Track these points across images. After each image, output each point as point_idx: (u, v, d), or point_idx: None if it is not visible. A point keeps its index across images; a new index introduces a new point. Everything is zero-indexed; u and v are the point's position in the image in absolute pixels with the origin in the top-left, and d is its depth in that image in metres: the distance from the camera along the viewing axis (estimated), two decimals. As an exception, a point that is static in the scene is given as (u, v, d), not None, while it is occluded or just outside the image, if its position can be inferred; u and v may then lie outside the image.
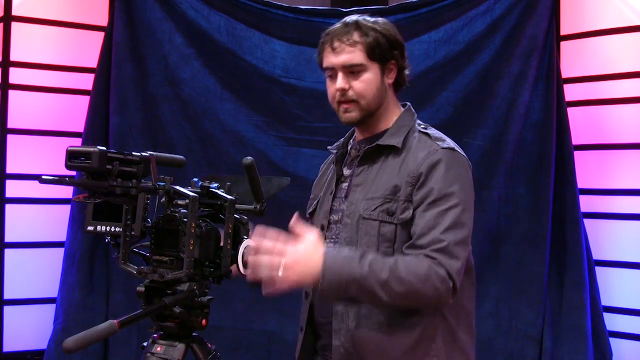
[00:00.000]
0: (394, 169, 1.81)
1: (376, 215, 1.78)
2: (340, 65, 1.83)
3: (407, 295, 1.66)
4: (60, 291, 3.76)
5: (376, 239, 1.77)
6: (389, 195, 1.78)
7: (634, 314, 3.61)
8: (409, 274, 1.65)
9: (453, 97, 3.80)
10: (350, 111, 1.85)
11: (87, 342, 1.46)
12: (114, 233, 1.68)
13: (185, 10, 3.86)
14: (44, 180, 1.43)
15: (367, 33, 1.82)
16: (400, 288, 1.64)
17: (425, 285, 1.65)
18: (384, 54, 1.84)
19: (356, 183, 1.86)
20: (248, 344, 3.84)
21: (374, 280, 1.64)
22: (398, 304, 1.70)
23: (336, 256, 1.67)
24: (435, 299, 1.69)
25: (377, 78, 1.84)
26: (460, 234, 1.72)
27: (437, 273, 1.66)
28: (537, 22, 3.71)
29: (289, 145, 3.90)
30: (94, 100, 3.80)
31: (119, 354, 3.77)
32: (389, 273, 1.64)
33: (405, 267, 1.66)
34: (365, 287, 1.64)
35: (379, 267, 1.65)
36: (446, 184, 1.74)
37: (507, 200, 3.76)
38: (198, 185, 1.74)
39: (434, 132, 1.87)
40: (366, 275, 1.64)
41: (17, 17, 3.72)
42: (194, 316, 1.69)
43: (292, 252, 1.65)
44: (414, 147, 1.81)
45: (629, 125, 3.64)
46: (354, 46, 1.82)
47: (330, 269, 1.64)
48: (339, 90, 1.84)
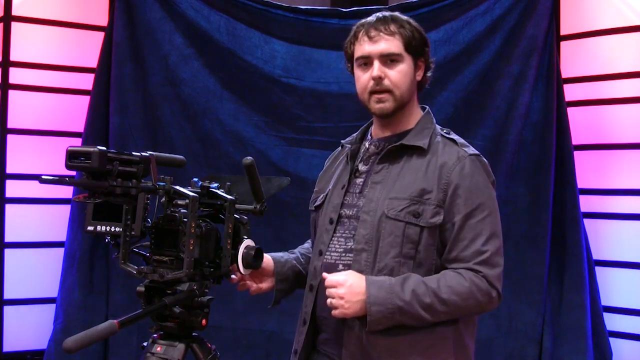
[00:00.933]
0: (419, 170, 1.82)
1: (402, 216, 1.79)
2: (378, 54, 1.83)
3: (451, 313, 1.76)
4: (60, 291, 3.76)
5: (400, 239, 1.78)
6: (415, 197, 1.79)
7: (634, 314, 3.61)
8: (452, 293, 1.73)
9: (453, 97, 3.80)
10: (384, 101, 1.85)
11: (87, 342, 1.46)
12: (114, 233, 1.68)
13: (185, 10, 3.86)
14: (44, 180, 1.43)
15: (403, 25, 1.84)
16: (444, 308, 1.74)
17: (468, 301, 1.75)
18: (418, 49, 1.86)
19: (375, 180, 1.86)
20: (248, 344, 3.84)
21: (418, 305, 1.72)
22: (443, 319, 1.78)
23: (379, 288, 1.72)
24: (480, 310, 1.81)
25: (411, 71, 1.86)
26: (498, 242, 1.82)
27: (479, 287, 1.75)
28: (537, 22, 3.71)
29: (289, 145, 3.90)
30: (94, 100, 3.80)
31: (119, 354, 3.77)
32: (432, 297, 1.72)
33: (447, 288, 1.73)
34: (410, 313, 1.73)
35: (421, 291, 1.72)
36: (477, 193, 1.80)
37: (507, 200, 3.76)
38: (198, 185, 1.74)
39: (457, 137, 1.91)
40: (409, 302, 1.71)
41: (17, 17, 3.72)
42: (194, 316, 1.69)
43: (342, 284, 1.74)
44: (440, 152, 1.84)
45: (629, 125, 3.64)
46: (392, 36, 1.83)
47: (376, 302, 1.71)
48: (375, 78, 1.83)
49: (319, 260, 1.90)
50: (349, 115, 3.67)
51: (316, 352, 1.94)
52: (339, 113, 3.74)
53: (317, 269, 1.90)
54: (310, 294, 1.92)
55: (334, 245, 1.88)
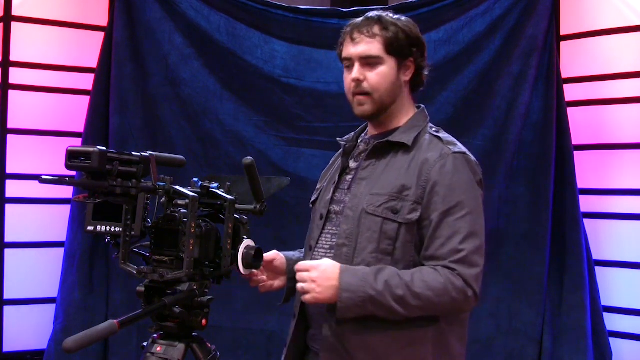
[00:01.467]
0: (402, 167, 1.82)
1: (380, 212, 1.79)
2: (357, 56, 1.84)
3: (424, 308, 1.72)
4: (60, 291, 3.76)
5: (378, 235, 1.78)
6: (395, 194, 1.79)
7: (634, 314, 3.61)
8: (426, 288, 1.71)
9: (453, 97, 3.80)
10: (363, 104, 1.87)
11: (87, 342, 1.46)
12: (114, 233, 1.68)
13: (185, 10, 3.86)
14: (44, 180, 1.43)
15: (387, 27, 1.83)
16: (417, 302, 1.71)
17: (442, 298, 1.72)
18: (402, 50, 1.85)
19: (361, 176, 1.87)
20: (248, 344, 3.84)
21: (390, 297, 1.69)
22: (416, 315, 1.75)
23: (353, 276, 1.71)
24: (455, 309, 1.77)
25: (393, 73, 1.85)
26: (477, 241, 1.77)
27: (454, 285, 1.72)
28: (537, 22, 3.71)
29: (288, 145, 3.90)
30: (94, 100, 3.80)
31: (119, 354, 3.77)
32: (405, 290, 1.70)
33: (422, 282, 1.71)
34: (381, 304, 1.70)
35: (394, 283, 1.70)
36: (457, 191, 1.78)
37: (507, 200, 3.76)
38: (198, 185, 1.74)
39: (445, 135, 1.89)
40: (381, 292, 1.69)
41: (17, 17, 3.72)
42: (193, 316, 1.69)
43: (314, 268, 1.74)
44: (425, 149, 1.83)
45: (629, 125, 3.64)
46: (373, 38, 1.83)
47: (348, 289, 1.70)
48: (354, 80, 1.85)
49: (308, 256, 1.92)
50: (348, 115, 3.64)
51: (306, 347, 1.94)
52: (339, 113, 3.74)
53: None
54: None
55: (322, 241, 1.89)
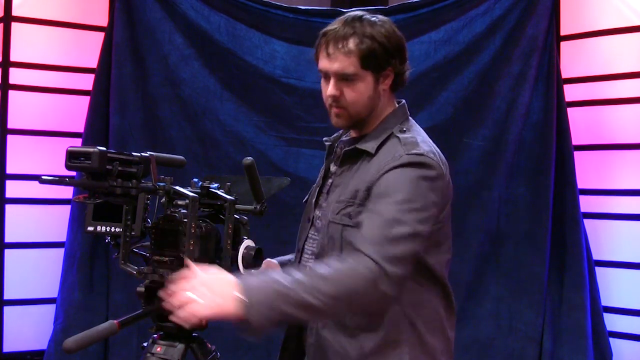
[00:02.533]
0: (364, 173, 1.77)
1: (339, 219, 1.75)
2: (333, 72, 1.80)
3: (339, 295, 1.56)
4: (61, 291, 3.76)
5: (339, 242, 1.74)
6: (350, 199, 1.75)
7: (634, 314, 3.62)
8: (333, 271, 1.56)
9: (453, 97, 3.80)
10: (339, 117, 1.83)
11: (87, 342, 1.46)
12: (114, 233, 1.68)
13: (186, 11, 3.86)
14: (44, 181, 1.43)
15: (362, 41, 1.75)
16: (330, 288, 1.54)
17: (352, 278, 1.56)
18: (379, 63, 1.78)
19: (336, 184, 1.84)
20: (248, 344, 3.84)
21: (300, 288, 1.52)
22: (335, 308, 1.59)
23: (249, 277, 1.58)
24: (366, 290, 1.58)
25: (370, 87, 1.79)
26: (399, 230, 1.61)
27: (362, 264, 1.58)
28: (537, 22, 3.72)
29: (289, 145, 3.90)
30: (94, 100, 3.80)
31: (119, 354, 3.77)
32: (312, 277, 1.55)
33: (327, 267, 1.58)
34: (293, 298, 1.51)
35: (300, 275, 1.55)
36: (394, 184, 1.67)
37: (507, 200, 3.76)
38: (198, 185, 1.74)
39: (406, 136, 1.79)
40: (289, 284, 1.52)
41: (17, 17, 3.72)
42: (194, 316, 1.69)
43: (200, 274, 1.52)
44: (383, 152, 1.76)
45: (629, 126, 3.64)
46: (348, 55, 1.76)
47: (250, 290, 1.50)
48: (330, 96, 1.82)
49: (297, 258, 1.91)
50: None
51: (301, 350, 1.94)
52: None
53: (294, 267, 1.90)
54: None
55: (307, 245, 1.87)
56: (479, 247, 3.76)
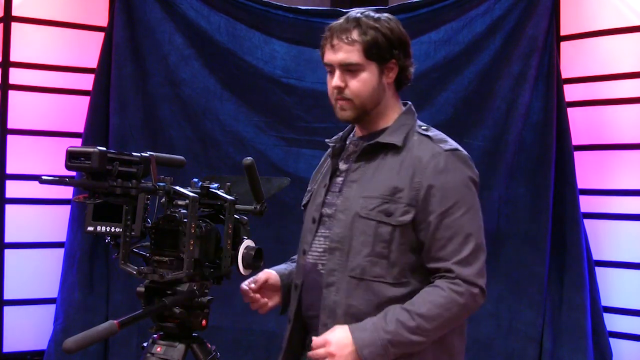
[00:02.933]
0: (392, 168, 1.80)
1: (374, 215, 1.77)
2: (337, 63, 1.83)
3: (441, 326, 1.74)
4: (61, 291, 3.76)
5: (372, 238, 1.77)
6: (387, 196, 1.77)
7: (634, 314, 3.61)
8: (433, 307, 1.72)
9: (453, 97, 3.80)
10: (345, 109, 1.85)
11: (87, 342, 1.47)
12: (114, 233, 1.68)
13: (186, 11, 3.86)
14: (44, 181, 1.43)
15: (366, 32, 1.80)
16: (433, 324, 1.72)
17: (452, 310, 1.73)
18: (383, 54, 1.82)
19: (352, 179, 1.86)
20: (248, 344, 3.84)
21: (406, 331, 1.70)
22: (439, 335, 1.76)
23: (363, 330, 1.72)
24: (468, 312, 1.79)
25: (374, 78, 1.83)
26: (477, 238, 1.78)
27: (457, 291, 1.74)
28: (537, 22, 3.71)
29: (289, 145, 3.90)
30: (94, 100, 3.80)
31: (119, 354, 3.77)
32: (416, 318, 1.71)
33: (427, 304, 1.72)
34: (401, 342, 1.71)
35: (404, 318, 1.71)
36: (453, 191, 1.77)
37: (507, 200, 3.76)
38: (198, 185, 1.74)
39: (435, 133, 1.87)
40: (395, 331, 1.70)
41: (17, 17, 3.72)
42: (194, 316, 1.69)
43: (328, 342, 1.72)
44: (415, 149, 1.81)
45: (629, 126, 3.63)
46: (352, 45, 1.80)
47: (365, 345, 1.70)
48: (335, 87, 1.84)
49: (302, 260, 1.91)
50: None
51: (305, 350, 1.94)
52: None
53: (300, 269, 1.91)
54: (294, 292, 1.93)
55: (315, 245, 1.88)
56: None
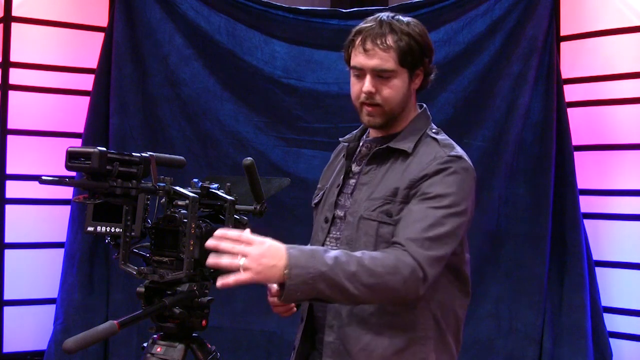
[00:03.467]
0: (399, 172, 1.81)
1: (375, 215, 1.78)
2: (371, 69, 1.80)
3: (376, 288, 1.62)
4: (61, 292, 3.76)
5: (374, 239, 1.77)
6: (389, 197, 1.78)
7: (634, 314, 3.62)
8: (377, 265, 1.62)
9: (453, 97, 3.80)
10: (373, 115, 1.83)
11: (87, 342, 1.46)
12: (114, 234, 1.68)
13: (186, 11, 3.86)
14: (44, 181, 1.43)
15: (401, 38, 1.79)
16: (370, 280, 1.61)
17: (394, 276, 1.63)
18: (415, 61, 1.82)
19: (363, 182, 1.86)
20: (248, 344, 3.84)
21: (342, 273, 1.59)
22: (368, 298, 1.65)
23: (300, 251, 1.61)
24: (404, 290, 1.65)
25: (405, 84, 1.83)
26: (441, 231, 1.69)
27: (405, 263, 1.64)
28: (537, 22, 3.71)
29: (289, 146, 3.90)
30: (94, 100, 3.80)
31: (119, 354, 3.77)
32: (356, 265, 1.60)
33: (372, 259, 1.63)
34: (333, 281, 1.58)
35: (345, 260, 1.61)
36: (443, 187, 1.73)
37: (507, 201, 3.76)
38: (198, 185, 1.74)
39: (443, 137, 1.86)
40: (332, 267, 1.58)
41: (17, 17, 3.72)
42: (194, 317, 1.69)
43: (259, 243, 1.56)
44: (421, 152, 1.81)
45: (629, 126, 3.64)
46: (387, 51, 1.78)
47: (296, 264, 1.56)
48: (366, 93, 1.81)
49: None
50: (349, 115, 3.65)
51: (314, 350, 1.94)
52: (339, 114, 3.75)
53: None
54: None
55: (327, 245, 1.88)
56: (479, 247, 3.76)
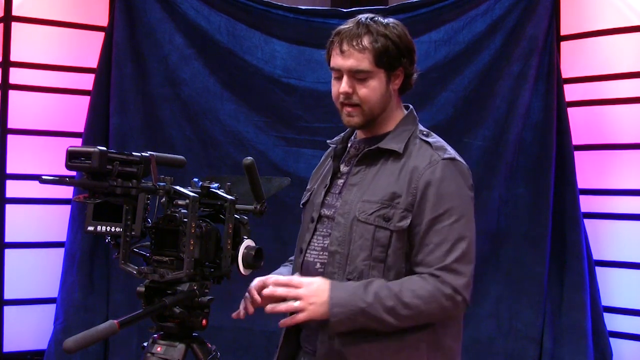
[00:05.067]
0: (392, 174, 1.81)
1: (372, 219, 1.79)
2: (347, 69, 1.83)
3: (414, 317, 1.74)
4: (61, 291, 3.76)
5: (370, 242, 1.78)
6: (386, 201, 1.79)
7: (634, 314, 3.61)
8: (415, 297, 1.71)
9: (453, 97, 3.80)
10: (352, 115, 1.86)
11: (87, 342, 1.46)
12: (114, 233, 1.68)
13: (186, 11, 3.86)
14: (44, 181, 1.43)
15: (376, 39, 1.81)
16: (407, 312, 1.72)
17: (431, 305, 1.73)
18: (392, 62, 1.83)
19: (352, 182, 1.87)
20: (248, 344, 3.84)
21: (381, 307, 1.70)
22: (407, 324, 1.75)
23: (341, 290, 1.73)
24: (444, 315, 1.77)
25: (383, 85, 1.84)
26: (465, 248, 1.77)
27: (442, 292, 1.73)
28: (537, 22, 3.71)
29: (289, 145, 3.90)
30: (94, 100, 3.80)
31: (119, 354, 3.77)
32: (394, 300, 1.71)
33: (410, 291, 1.72)
34: (372, 316, 1.71)
35: (384, 294, 1.71)
36: (447, 198, 1.77)
37: (507, 200, 3.76)
38: (198, 185, 1.74)
39: (435, 140, 1.88)
40: (372, 303, 1.70)
41: (17, 17, 3.72)
42: (194, 316, 1.69)
43: (307, 285, 1.74)
44: (414, 155, 1.82)
45: (629, 125, 3.64)
46: (362, 52, 1.80)
47: (337, 303, 1.71)
48: (343, 93, 1.84)
49: (299, 258, 1.92)
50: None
51: (299, 347, 1.94)
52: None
53: (297, 267, 1.92)
54: None
55: (313, 244, 1.89)
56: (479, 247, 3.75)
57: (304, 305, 1.72)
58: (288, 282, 1.75)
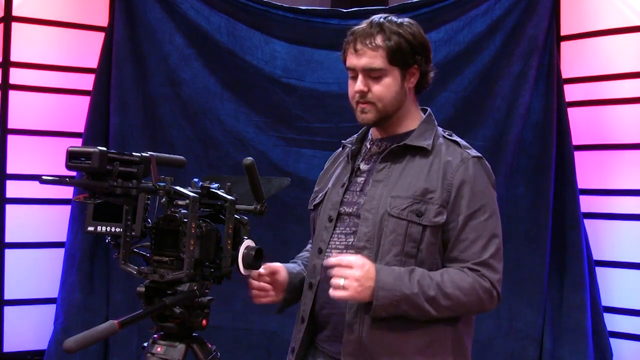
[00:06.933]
0: (421, 170, 1.84)
1: (405, 215, 1.81)
2: (361, 68, 1.85)
3: (453, 308, 1.78)
4: (61, 291, 3.76)
5: (402, 238, 1.80)
6: (418, 197, 1.81)
7: (634, 314, 3.62)
8: (455, 288, 1.76)
9: (453, 97, 3.80)
10: (366, 112, 1.88)
11: (87, 342, 1.46)
12: (115, 233, 1.68)
13: (186, 11, 3.86)
14: (44, 181, 1.43)
15: (390, 37, 1.83)
16: (447, 302, 1.76)
17: (470, 297, 1.79)
18: (406, 60, 1.85)
19: (377, 179, 1.88)
20: (248, 344, 3.84)
21: (423, 297, 1.74)
22: (445, 315, 1.80)
23: (388, 275, 1.74)
24: (480, 308, 1.84)
25: (397, 82, 1.86)
26: (498, 244, 1.85)
27: (481, 285, 1.80)
28: (537, 22, 3.71)
29: (289, 145, 3.90)
30: (94, 100, 3.80)
31: (119, 354, 3.77)
32: (436, 290, 1.75)
33: (451, 283, 1.76)
34: (415, 304, 1.74)
35: (426, 284, 1.75)
36: (480, 195, 1.83)
37: (507, 200, 3.76)
38: (198, 185, 1.74)
39: (460, 139, 1.93)
40: (416, 292, 1.73)
41: (17, 17, 3.72)
42: (194, 316, 1.69)
43: (357, 266, 1.73)
44: (444, 153, 1.86)
45: (629, 126, 3.64)
46: (376, 50, 1.83)
47: (383, 287, 1.73)
48: (358, 92, 1.87)
49: (318, 259, 1.91)
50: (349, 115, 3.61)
51: (314, 349, 1.94)
52: (339, 113, 3.75)
53: (316, 267, 1.92)
54: (309, 291, 1.93)
55: (334, 242, 1.90)
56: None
57: (350, 284, 1.72)
58: (339, 262, 1.75)
